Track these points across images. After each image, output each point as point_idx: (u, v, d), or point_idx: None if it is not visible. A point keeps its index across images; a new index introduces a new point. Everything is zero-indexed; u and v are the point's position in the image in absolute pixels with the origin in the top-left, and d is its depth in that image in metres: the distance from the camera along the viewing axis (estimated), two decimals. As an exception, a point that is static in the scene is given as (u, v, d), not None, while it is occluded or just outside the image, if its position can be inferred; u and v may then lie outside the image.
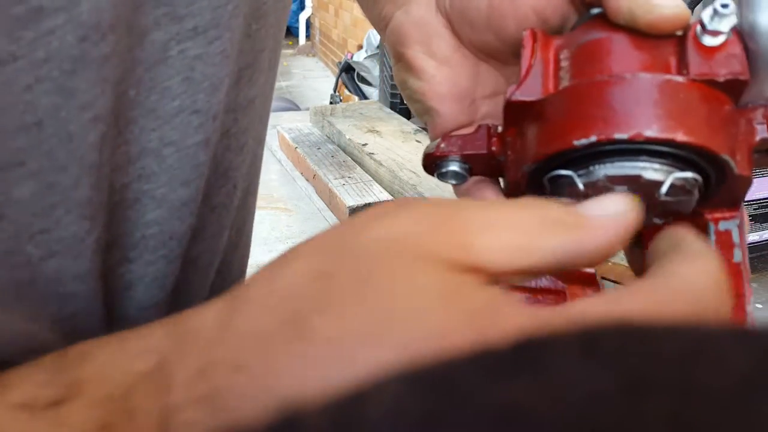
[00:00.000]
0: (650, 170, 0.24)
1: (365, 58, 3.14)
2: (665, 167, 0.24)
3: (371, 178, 0.96)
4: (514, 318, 0.17)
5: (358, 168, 1.00)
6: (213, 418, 0.17)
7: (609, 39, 0.26)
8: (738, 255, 0.27)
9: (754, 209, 1.02)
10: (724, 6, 0.24)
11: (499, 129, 0.29)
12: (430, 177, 0.34)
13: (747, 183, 0.25)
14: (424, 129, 1.21)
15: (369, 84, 3.15)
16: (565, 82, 0.26)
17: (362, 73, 3.17)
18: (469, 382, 0.11)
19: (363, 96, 3.11)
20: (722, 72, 0.24)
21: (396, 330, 0.17)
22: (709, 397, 0.10)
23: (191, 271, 0.34)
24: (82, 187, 0.24)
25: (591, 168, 0.25)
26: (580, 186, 0.25)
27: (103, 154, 0.24)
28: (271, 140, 1.24)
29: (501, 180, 0.32)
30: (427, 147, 0.31)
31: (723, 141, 0.24)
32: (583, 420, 0.10)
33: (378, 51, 2.84)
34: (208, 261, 0.35)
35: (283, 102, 3.07)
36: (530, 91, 0.27)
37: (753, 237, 0.83)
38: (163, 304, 0.32)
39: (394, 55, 0.37)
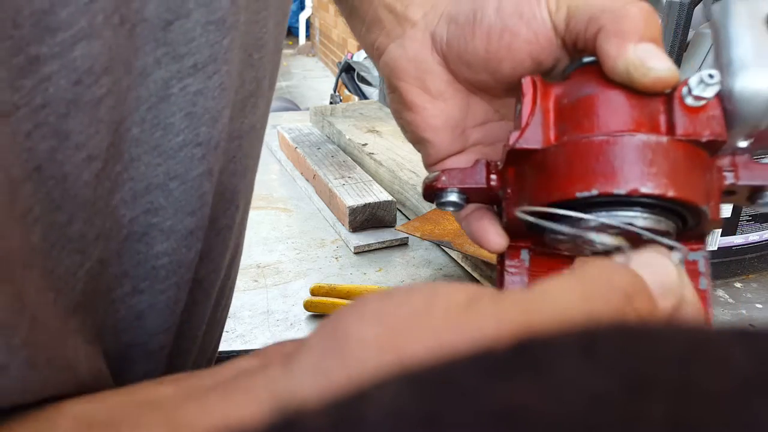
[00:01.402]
0: (640, 219, 0.27)
1: (365, 58, 3.14)
2: (653, 217, 0.27)
3: (371, 178, 0.96)
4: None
5: (358, 168, 1.00)
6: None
7: (604, 96, 0.29)
8: (704, 283, 0.30)
9: (754, 209, 1.02)
10: (711, 77, 0.27)
11: (499, 164, 0.32)
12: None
13: (717, 225, 0.28)
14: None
15: (369, 84, 3.15)
16: (565, 136, 0.29)
17: (362, 73, 3.17)
18: (469, 382, 0.11)
19: (363, 96, 3.11)
20: (705, 133, 0.27)
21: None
22: (709, 398, 0.10)
23: (198, 292, 0.34)
24: (76, 223, 0.24)
25: (589, 215, 0.28)
26: (573, 231, 0.28)
27: (96, 191, 0.25)
28: (271, 140, 1.24)
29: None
30: (427, 178, 0.33)
31: (702, 194, 0.27)
32: (583, 420, 0.10)
33: (378, 51, 2.84)
34: (214, 280, 0.35)
35: (283, 102, 3.07)
36: (532, 140, 0.29)
37: (753, 237, 0.83)
38: (173, 328, 0.32)
39: (388, 86, 0.38)
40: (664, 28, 1.03)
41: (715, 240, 0.83)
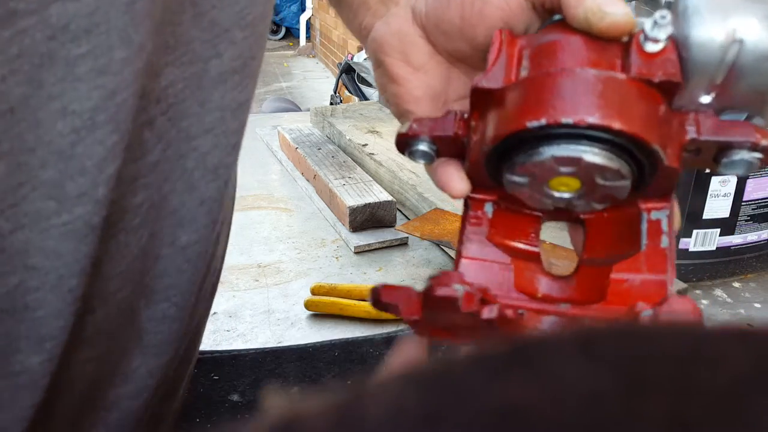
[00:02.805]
0: (590, 153, 0.28)
1: (365, 59, 3.14)
2: (604, 152, 0.28)
3: (371, 179, 0.96)
4: None
5: (359, 168, 1.00)
6: None
7: (564, 39, 0.30)
8: (665, 241, 0.30)
9: (753, 209, 1.02)
10: (663, 17, 0.28)
11: (466, 115, 0.33)
12: (429, 177, 0.36)
13: (675, 175, 0.29)
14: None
15: (369, 85, 3.15)
16: (524, 74, 0.30)
17: (362, 74, 3.17)
18: (469, 381, 0.11)
19: (363, 97, 3.11)
20: (658, 74, 0.28)
21: None
22: (708, 397, 0.10)
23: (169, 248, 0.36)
24: (49, 169, 0.26)
25: (540, 149, 0.28)
26: (531, 161, 0.29)
27: (76, 147, 0.26)
28: (272, 140, 1.24)
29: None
30: (400, 127, 0.34)
31: (655, 134, 0.28)
32: (582, 420, 0.10)
33: (378, 51, 2.83)
34: (201, 250, 0.37)
35: (284, 103, 3.07)
36: (494, 80, 0.30)
37: (751, 237, 0.83)
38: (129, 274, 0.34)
39: (374, 61, 0.39)
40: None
41: (714, 240, 0.83)
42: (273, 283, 0.78)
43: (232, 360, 0.61)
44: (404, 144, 0.34)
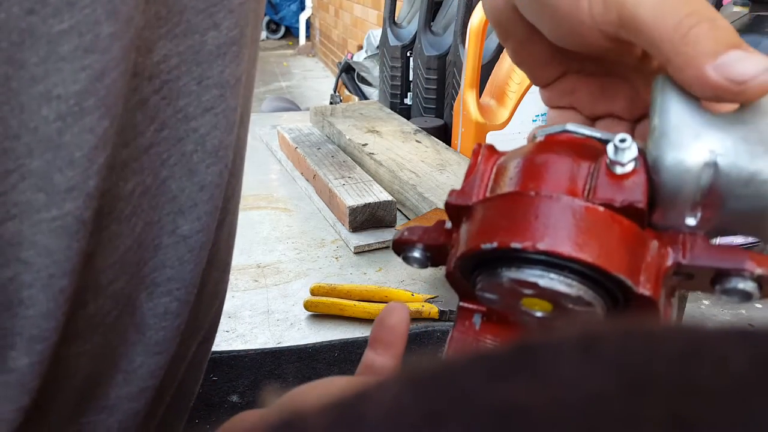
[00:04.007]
0: (546, 279, 0.27)
1: (365, 58, 3.14)
2: (560, 278, 0.27)
3: (371, 178, 0.96)
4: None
5: (358, 168, 1.00)
6: None
7: (533, 159, 0.30)
8: None
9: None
10: (623, 141, 0.27)
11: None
12: (429, 177, 0.37)
13: (651, 303, 0.27)
14: (424, 129, 1.21)
15: (369, 84, 3.15)
16: (488, 193, 0.31)
17: (362, 74, 3.17)
18: (469, 382, 0.11)
19: (363, 96, 3.11)
20: (619, 198, 0.27)
21: None
22: (708, 397, 0.10)
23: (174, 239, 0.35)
24: (37, 157, 0.24)
25: (499, 271, 0.28)
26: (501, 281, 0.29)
27: (63, 135, 0.24)
28: (271, 140, 1.24)
29: None
30: (395, 234, 0.35)
31: (619, 260, 0.27)
32: (582, 419, 0.10)
33: (378, 51, 2.84)
34: (204, 239, 0.35)
35: (283, 102, 3.07)
36: (463, 198, 0.31)
37: (753, 237, 0.83)
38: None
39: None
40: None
41: (715, 240, 0.84)
42: (272, 283, 0.78)
43: (232, 361, 0.61)
44: (399, 249, 0.34)
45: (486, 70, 1.77)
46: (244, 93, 0.35)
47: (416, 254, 0.34)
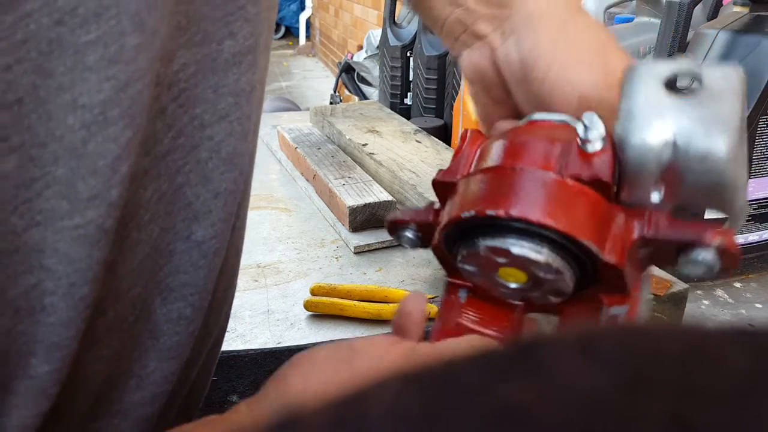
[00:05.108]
0: (517, 246, 0.29)
1: (365, 58, 3.14)
2: (531, 246, 0.29)
3: (371, 178, 0.96)
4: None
5: (358, 168, 1.00)
6: None
7: (511, 139, 0.32)
8: None
9: (754, 209, 1.02)
10: (590, 120, 0.30)
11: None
12: (429, 177, 0.39)
13: (617, 272, 0.30)
14: (424, 129, 1.21)
15: (369, 84, 3.15)
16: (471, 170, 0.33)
17: (362, 74, 3.17)
18: (469, 381, 0.11)
19: (363, 96, 3.11)
20: (587, 173, 0.29)
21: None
22: (709, 398, 0.10)
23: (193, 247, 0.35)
24: (62, 165, 0.25)
25: (476, 240, 0.31)
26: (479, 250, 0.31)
27: (87, 145, 0.25)
28: (271, 140, 1.24)
29: None
30: (388, 215, 0.38)
31: (587, 229, 0.29)
32: (582, 419, 0.10)
33: (378, 51, 2.84)
34: (218, 246, 0.35)
35: (283, 102, 3.07)
36: (450, 175, 0.33)
37: (753, 237, 0.83)
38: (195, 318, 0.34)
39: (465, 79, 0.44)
40: (663, 28, 1.04)
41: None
42: (272, 283, 0.78)
43: (232, 361, 0.61)
44: (393, 228, 0.37)
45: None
46: (257, 101, 0.35)
47: (408, 234, 0.36)
